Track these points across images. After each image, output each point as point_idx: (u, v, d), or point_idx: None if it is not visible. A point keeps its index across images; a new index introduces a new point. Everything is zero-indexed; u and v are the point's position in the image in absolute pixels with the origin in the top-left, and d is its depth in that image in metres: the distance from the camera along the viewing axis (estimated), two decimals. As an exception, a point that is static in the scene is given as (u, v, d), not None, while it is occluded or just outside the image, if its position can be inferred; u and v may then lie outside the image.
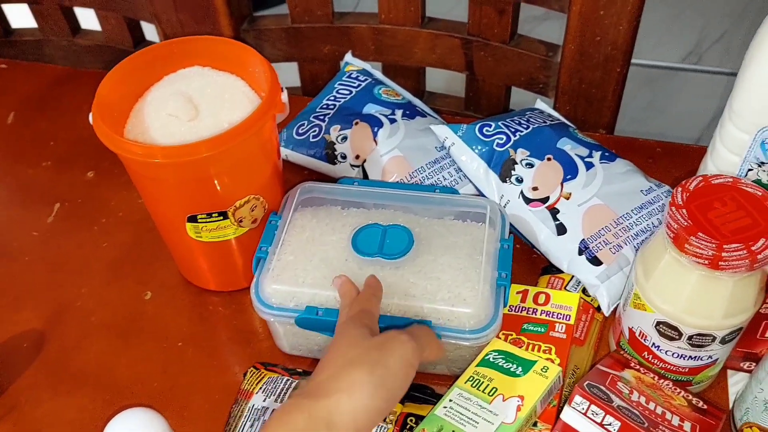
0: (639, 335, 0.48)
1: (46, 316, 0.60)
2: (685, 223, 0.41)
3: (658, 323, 0.45)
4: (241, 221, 0.53)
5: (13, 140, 0.77)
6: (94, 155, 0.74)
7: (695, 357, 0.46)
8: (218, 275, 0.59)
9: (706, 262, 0.41)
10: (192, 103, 0.52)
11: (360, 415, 0.37)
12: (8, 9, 0.96)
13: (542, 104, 0.70)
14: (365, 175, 0.64)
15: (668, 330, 0.45)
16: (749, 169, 0.52)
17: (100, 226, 0.67)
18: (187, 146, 0.48)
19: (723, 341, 0.45)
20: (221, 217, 0.52)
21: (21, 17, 0.98)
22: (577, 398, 0.42)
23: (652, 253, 0.45)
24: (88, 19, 0.96)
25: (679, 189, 0.43)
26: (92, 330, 0.59)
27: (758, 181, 0.52)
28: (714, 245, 0.40)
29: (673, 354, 0.47)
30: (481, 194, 0.61)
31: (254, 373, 0.52)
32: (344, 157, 0.65)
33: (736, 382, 0.51)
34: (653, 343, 0.47)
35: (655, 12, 1.84)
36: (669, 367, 0.48)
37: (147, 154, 0.48)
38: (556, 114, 0.68)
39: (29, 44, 0.98)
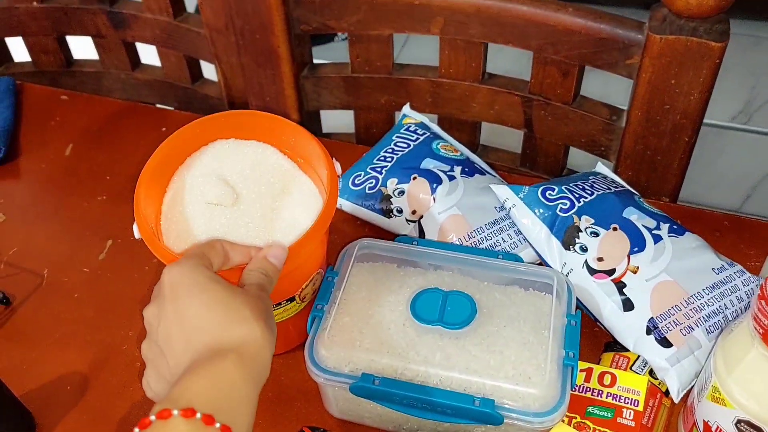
0: (715, 430, 0.45)
1: (91, 359, 0.60)
2: (777, 320, 0.39)
3: (740, 421, 0.43)
4: (304, 298, 0.52)
5: (70, 172, 0.77)
6: None
7: (778, 459, 0.43)
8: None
9: (801, 364, 0.38)
10: (229, 186, 0.49)
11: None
12: (72, 41, 0.98)
13: (603, 167, 0.68)
14: (421, 232, 0.63)
15: (751, 429, 0.42)
16: (834, 257, 0.49)
17: (152, 267, 0.67)
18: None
19: (809, 445, 0.42)
20: (288, 302, 0.51)
21: (84, 49, 1.01)
22: (654, 500, 0.39)
23: (736, 345, 0.43)
24: (148, 53, 0.98)
25: (769, 281, 0.41)
26: (137, 377, 0.58)
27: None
28: (810, 347, 0.38)
29: (753, 454, 0.44)
30: (542, 258, 0.60)
31: (302, 436, 0.50)
32: (400, 211, 0.64)
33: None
34: (732, 441, 0.44)
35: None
36: (747, 466, 0.45)
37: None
38: (618, 179, 0.66)
39: (89, 75, 1.01)
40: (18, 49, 0.99)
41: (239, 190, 0.49)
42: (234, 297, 0.39)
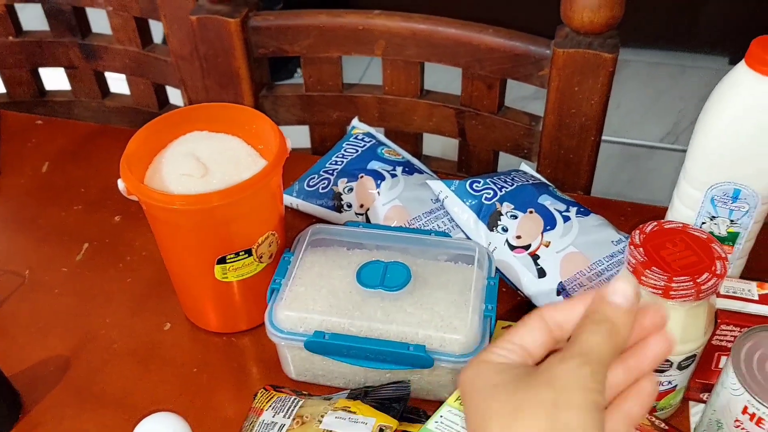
0: (608, 362, 0.54)
1: (72, 343, 0.66)
2: (642, 259, 0.49)
3: (624, 349, 0.52)
4: (261, 257, 0.60)
5: (48, 187, 0.84)
6: (122, 201, 0.79)
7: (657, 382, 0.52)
8: (231, 315, 0.64)
9: (660, 292, 0.48)
10: (201, 162, 0.59)
11: None
12: (43, 72, 1.06)
13: (526, 167, 0.78)
14: (368, 222, 0.72)
15: (632, 355, 0.52)
16: (703, 223, 0.60)
17: (125, 264, 0.74)
18: (212, 194, 0.55)
19: (680, 367, 0.51)
20: (246, 255, 0.59)
21: (55, 80, 1.08)
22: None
23: (617, 287, 0.53)
24: (117, 82, 1.06)
25: (637, 231, 0.51)
26: (115, 356, 0.65)
27: (711, 233, 0.60)
28: (665, 277, 0.48)
29: (637, 378, 0.53)
30: (471, 240, 0.69)
31: (264, 393, 0.58)
32: (350, 206, 0.73)
33: (696, 412, 0.57)
34: (620, 369, 0.53)
35: (637, 95, 2.00)
36: (635, 391, 0.54)
37: (193, 202, 0.55)
38: (538, 175, 0.77)
39: (61, 104, 1.08)
40: (-9, 82, 1.06)
41: (209, 166, 0.58)
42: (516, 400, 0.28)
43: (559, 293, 0.62)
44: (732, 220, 0.58)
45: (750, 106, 0.52)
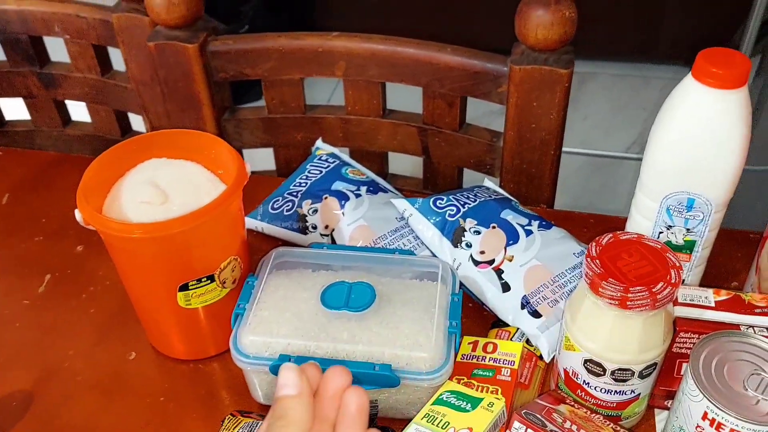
0: (572, 374, 0.55)
1: (35, 377, 0.64)
2: (599, 271, 0.50)
3: (586, 361, 0.53)
4: (224, 283, 0.60)
5: (8, 218, 0.82)
6: (84, 230, 0.78)
7: (620, 392, 0.53)
8: (198, 342, 0.64)
9: (617, 302, 0.49)
10: (161, 189, 0.58)
11: None
12: (3, 102, 1.04)
13: (490, 183, 0.79)
14: (333, 243, 0.72)
15: (594, 367, 0.52)
16: (660, 232, 0.61)
17: (89, 294, 0.73)
18: (171, 221, 0.54)
19: (641, 376, 0.52)
20: (209, 281, 0.58)
21: (15, 110, 1.07)
22: (516, 423, 0.48)
23: (576, 299, 0.53)
24: (78, 110, 1.05)
25: (594, 244, 0.52)
26: (79, 388, 0.64)
27: (669, 242, 0.61)
28: (622, 288, 0.48)
29: (600, 389, 0.53)
30: (436, 257, 0.69)
31: (231, 419, 0.57)
32: (315, 227, 0.73)
33: (662, 419, 0.58)
34: (584, 381, 0.54)
35: (603, 106, 2.04)
36: (599, 402, 0.54)
37: (151, 230, 0.54)
38: (501, 190, 0.78)
39: (21, 134, 1.06)
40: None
41: (168, 193, 0.58)
42: None
43: (523, 307, 0.63)
44: (688, 229, 0.60)
45: (698, 118, 0.54)
